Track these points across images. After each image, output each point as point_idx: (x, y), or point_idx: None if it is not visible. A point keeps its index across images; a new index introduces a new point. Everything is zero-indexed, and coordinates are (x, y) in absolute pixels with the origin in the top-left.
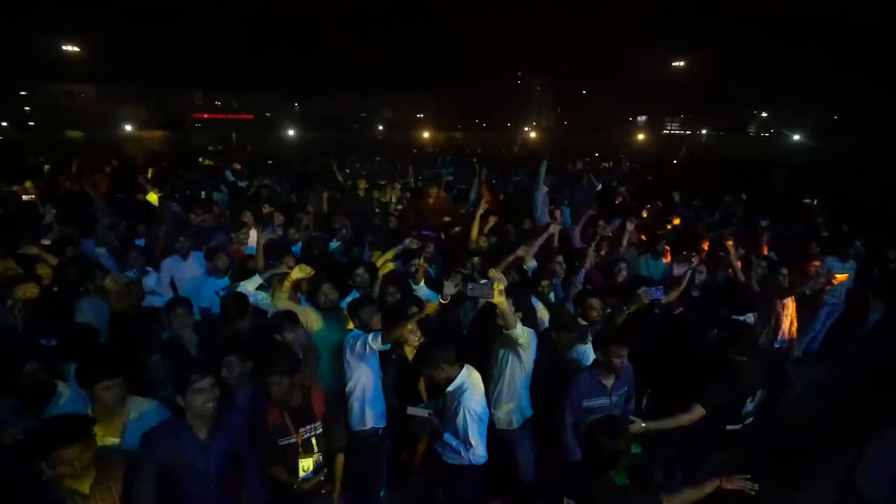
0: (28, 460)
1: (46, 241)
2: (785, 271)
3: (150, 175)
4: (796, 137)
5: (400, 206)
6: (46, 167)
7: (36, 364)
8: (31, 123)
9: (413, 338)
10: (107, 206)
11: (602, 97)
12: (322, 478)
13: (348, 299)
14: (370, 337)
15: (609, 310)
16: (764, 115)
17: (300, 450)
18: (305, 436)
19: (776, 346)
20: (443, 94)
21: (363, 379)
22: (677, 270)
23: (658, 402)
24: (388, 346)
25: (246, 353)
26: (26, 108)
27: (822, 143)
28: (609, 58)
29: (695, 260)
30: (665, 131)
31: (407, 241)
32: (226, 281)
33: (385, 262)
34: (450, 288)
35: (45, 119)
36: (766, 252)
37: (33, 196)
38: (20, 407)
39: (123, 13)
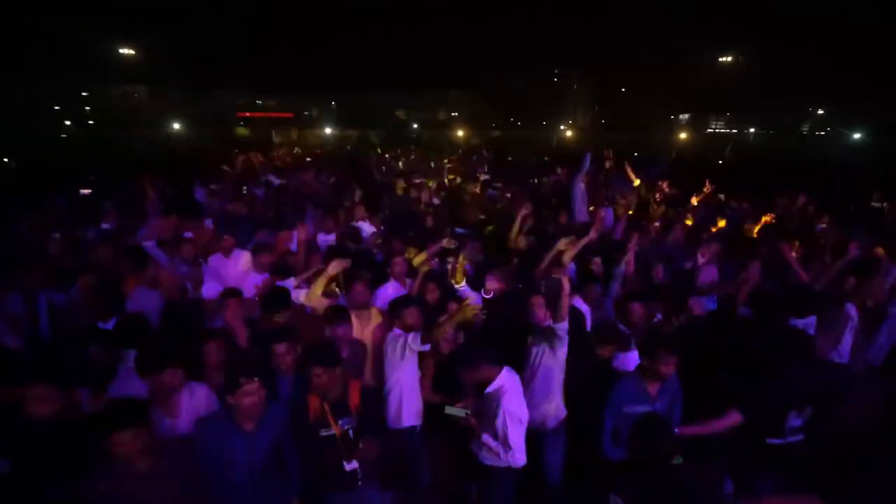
0: (93, 440)
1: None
2: (850, 278)
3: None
4: (857, 136)
5: (435, 202)
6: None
7: (97, 346)
8: (90, 122)
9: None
10: (158, 201)
11: (642, 95)
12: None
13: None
14: (410, 338)
15: (658, 315)
16: (820, 112)
17: (339, 442)
18: (344, 427)
19: (835, 359)
20: (478, 93)
21: (402, 379)
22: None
23: (696, 407)
24: (427, 347)
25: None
26: (87, 108)
27: (885, 141)
28: (650, 53)
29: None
30: (709, 130)
31: (444, 241)
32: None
33: (422, 262)
34: (492, 283)
35: (102, 119)
36: (826, 257)
37: (89, 190)
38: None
39: (173, 17)
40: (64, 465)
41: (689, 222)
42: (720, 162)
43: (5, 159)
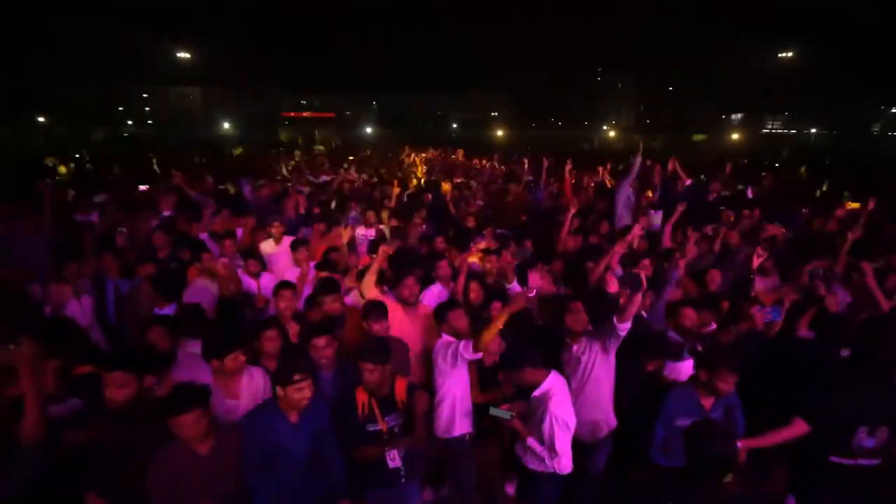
0: (159, 421)
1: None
2: None
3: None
4: None
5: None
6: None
7: (158, 330)
8: (149, 122)
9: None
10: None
11: (691, 94)
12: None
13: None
14: (462, 346)
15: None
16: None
17: (386, 437)
18: (391, 424)
19: None
20: (519, 92)
21: (454, 388)
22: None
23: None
24: (479, 356)
25: (333, 336)
26: (146, 109)
27: None
28: (701, 50)
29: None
30: (765, 130)
31: (482, 244)
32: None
33: (463, 263)
34: (535, 280)
35: (160, 118)
36: None
37: (147, 186)
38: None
39: (224, 20)
40: (136, 445)
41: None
42: (777, 165)
43: (79, 156)
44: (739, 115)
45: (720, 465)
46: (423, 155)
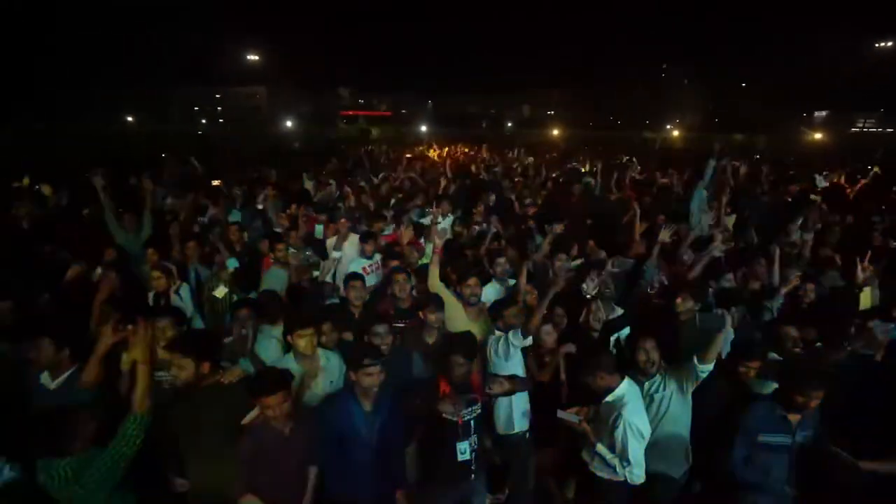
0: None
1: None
2: None
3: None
4: None
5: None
6: None
7: (245, 310)
8: (220, 121)
9: (549, 339)
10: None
11: (767, 89)
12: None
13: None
14: (510, 334)
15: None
16: None
17: (459, 431)
18: (466, 418)
19: None
20: (577, 90)
21: None
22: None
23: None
24: (530, 341)
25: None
26: (219, 108)
27: None
28: (778, 42)
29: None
30: (854, 129)
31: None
32: (374, 258)
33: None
34: (590, 287)
35: (231, 117)
36: None
37: (220, 182)
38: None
39: (289, 22)
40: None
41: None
42: (870, 168)
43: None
44: (824, 113)
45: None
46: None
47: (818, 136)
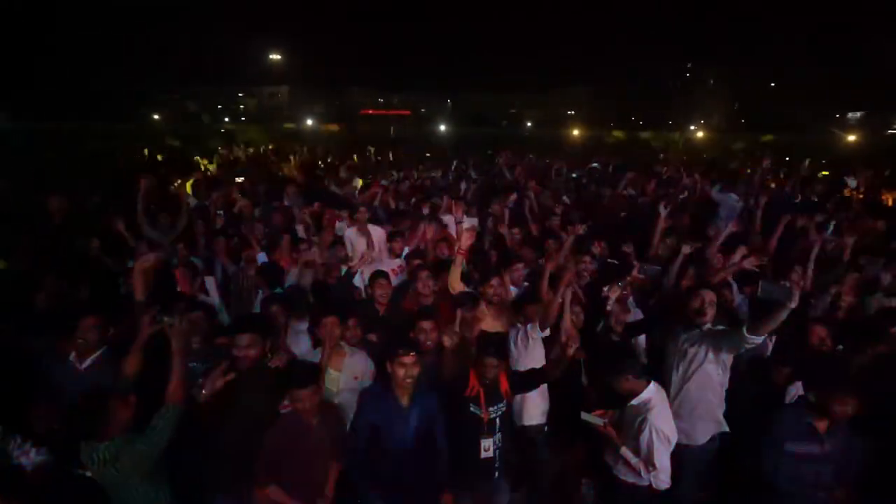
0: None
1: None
2: None
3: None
4: None
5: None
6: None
7: (276, 306)
8: (242, 119)
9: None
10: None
11: (797, 89)
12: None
13: None
14: (529, 326)
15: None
16: None
17: (485, 428)
18: (492, 415)
19: None
20: (598, 89)
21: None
22: None
23: None
24: (547, 332)
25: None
26: (241, 107)
27: None
28: (811, 40)
29: None
30: (891, 131)
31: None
32: (402, 257)
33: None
34: (611, 291)
35: (253, 115)
36: None
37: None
38: None
39: (311, 22)
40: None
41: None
42: None
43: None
44: (858, 114)
45: None
46: None
47: (852, 137)
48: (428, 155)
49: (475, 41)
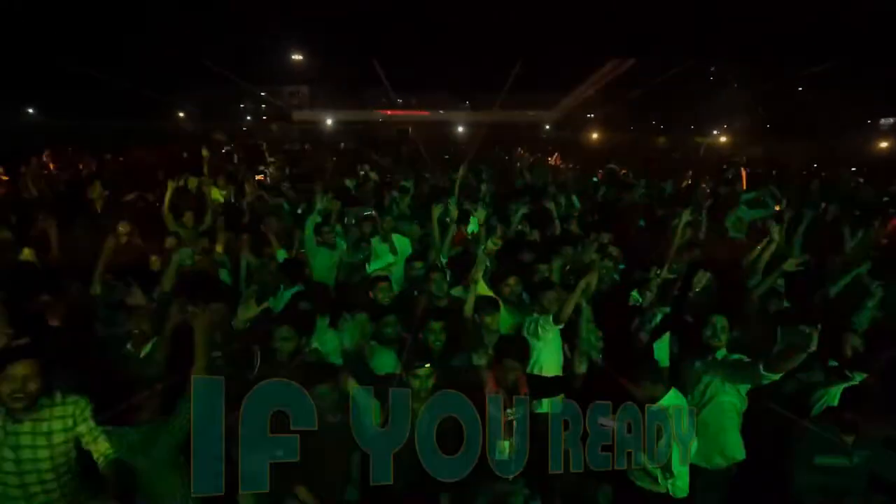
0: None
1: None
2: None
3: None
4: None
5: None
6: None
7: (305, 302)
8: (264, 118)
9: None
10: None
11: (825, 94)
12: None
13: None
14: (542, 318)
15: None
16: None
17: (503, 430)
18: (510, 417)
19: None
20: (619, 92)
21: (540, 358)
22: None
23: None
24: (561, 325)
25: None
26: (263, 106)
27: None
28: (843, 40)
29: None
30: None
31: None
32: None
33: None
34: (646, 299)
35: (274, 114)
36: None
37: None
38: None
39: (329, 22)
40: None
41: None
42: None
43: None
44: (892, 120)
45: None
46: None
47: (884, 144)
48: (447, 157)
49: (493, 42)
